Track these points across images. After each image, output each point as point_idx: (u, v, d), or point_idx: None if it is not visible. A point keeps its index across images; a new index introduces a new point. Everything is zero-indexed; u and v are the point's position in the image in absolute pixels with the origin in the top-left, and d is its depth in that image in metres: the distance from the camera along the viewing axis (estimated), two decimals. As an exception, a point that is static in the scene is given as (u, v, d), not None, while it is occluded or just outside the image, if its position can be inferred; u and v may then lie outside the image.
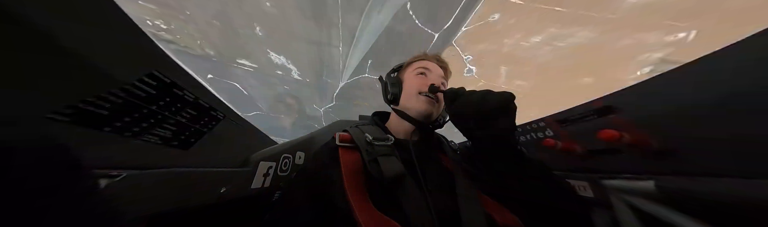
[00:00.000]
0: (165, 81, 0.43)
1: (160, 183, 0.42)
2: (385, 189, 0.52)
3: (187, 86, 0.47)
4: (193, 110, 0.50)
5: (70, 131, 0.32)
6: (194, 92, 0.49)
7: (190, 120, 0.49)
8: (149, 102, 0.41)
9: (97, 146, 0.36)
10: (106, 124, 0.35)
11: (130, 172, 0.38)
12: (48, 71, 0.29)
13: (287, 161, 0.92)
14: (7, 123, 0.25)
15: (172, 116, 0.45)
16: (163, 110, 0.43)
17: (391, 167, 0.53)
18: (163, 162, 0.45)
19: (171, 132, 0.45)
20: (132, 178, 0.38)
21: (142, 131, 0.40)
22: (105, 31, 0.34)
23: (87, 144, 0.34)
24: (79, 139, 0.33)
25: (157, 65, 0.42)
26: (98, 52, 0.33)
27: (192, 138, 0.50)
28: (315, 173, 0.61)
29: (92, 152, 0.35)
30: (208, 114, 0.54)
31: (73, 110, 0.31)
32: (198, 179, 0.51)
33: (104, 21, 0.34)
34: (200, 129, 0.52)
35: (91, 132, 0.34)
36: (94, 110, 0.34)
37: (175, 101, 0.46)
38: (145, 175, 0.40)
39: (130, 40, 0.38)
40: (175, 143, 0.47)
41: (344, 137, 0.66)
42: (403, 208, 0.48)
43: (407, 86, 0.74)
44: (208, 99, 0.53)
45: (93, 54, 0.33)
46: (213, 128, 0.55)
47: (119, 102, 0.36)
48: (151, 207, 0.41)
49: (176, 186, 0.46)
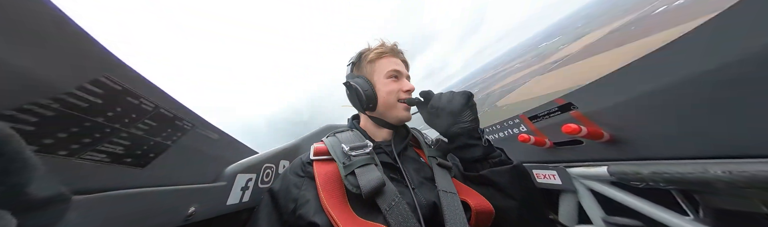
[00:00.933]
0: (115, 88, 0.37)
1: (107, 208, 0.36)
2: (367, 199, 0.51)
3: (144, 93, 0.41)
4: (153, 120, 0.44)
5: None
6: (154, 100, 0.43)
7: (149, 133, 0.43)
8: (93, 113, 0.34)
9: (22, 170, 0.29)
10: (30, 142, 0.29)
11: (73, 198, 0.32)
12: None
13: (270, 171, 0.85)
14: None
15: (123, 129, 0.39)
16: (113, 122, 0.37)
17: (368, 179, 0.51)
18: (114, 184, 0.39)
19: (123, 148, 0.39)
20: (75, 204, 0.32)
21: (82, 149, 0.34)
22: (34, 33, 0.28)
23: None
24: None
25: (106, 71, 0.36)
26: (21, 56, 0.27)
27: (151, 153, 0.44)
28: (285, 195, 0.56)
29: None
30: (173, 124, 0.48)
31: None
32: (158, 199, 0.44)
33: (33, 22, 0.28)
34: (162, 142, 0.46)
35: None
36: (12, 126, 0.27)
37: (129, 110, 0.39)
38: (87, 200, 0.34)
39: (69, 44, 0.32)
40: (128, 159, 0.40)
41: (319, 149, 0.64)
42: (386, 216, 0.47)
43: (384, 93, 0.68)
44: (173, 108, 0.47)
45: (13, 59, 0.27)
46: (178, 140, 0.49)
47: (50, 115, 0.30)
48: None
49: (130, 210, 0.39)
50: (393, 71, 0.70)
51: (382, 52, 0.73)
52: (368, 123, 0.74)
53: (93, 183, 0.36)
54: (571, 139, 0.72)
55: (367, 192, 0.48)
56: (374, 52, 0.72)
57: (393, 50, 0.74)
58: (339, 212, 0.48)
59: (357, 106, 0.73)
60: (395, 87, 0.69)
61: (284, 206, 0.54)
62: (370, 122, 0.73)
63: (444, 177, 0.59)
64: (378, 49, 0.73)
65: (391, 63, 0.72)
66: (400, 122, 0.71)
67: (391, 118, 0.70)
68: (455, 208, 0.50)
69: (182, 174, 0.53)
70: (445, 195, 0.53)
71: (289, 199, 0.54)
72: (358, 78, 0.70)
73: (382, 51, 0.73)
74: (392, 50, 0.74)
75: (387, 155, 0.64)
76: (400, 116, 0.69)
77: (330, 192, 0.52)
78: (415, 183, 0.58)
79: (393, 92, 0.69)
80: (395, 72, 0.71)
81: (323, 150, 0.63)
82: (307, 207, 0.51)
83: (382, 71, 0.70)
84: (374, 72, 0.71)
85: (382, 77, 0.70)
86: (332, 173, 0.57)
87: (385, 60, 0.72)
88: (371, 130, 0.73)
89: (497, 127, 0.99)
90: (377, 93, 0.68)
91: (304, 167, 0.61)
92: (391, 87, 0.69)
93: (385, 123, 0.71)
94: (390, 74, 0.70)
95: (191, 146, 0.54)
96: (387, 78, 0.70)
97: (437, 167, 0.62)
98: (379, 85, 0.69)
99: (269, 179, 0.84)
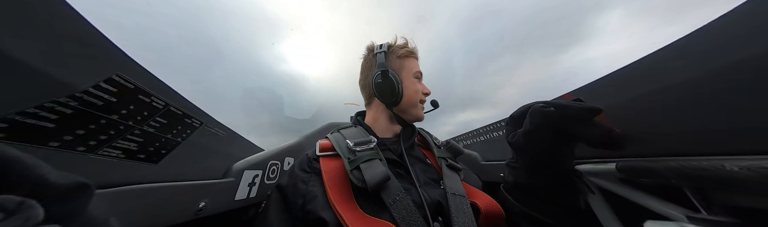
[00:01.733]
0: (128, 87, 0.38)
1: (123, 202, 0.38)
2: (373, 192, 0.51)
3: (155, 91, 0.43)
4: (164, 118, 0.45)
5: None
6: (164, 99, 0.44)
7: (161, 130, 0.45)
8: (108, 111, 0.36)
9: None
10: (52, 138, 0.30)
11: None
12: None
13: (275, 168, 0.87)
14: None
15: (137, 126, 0.40)
16: (126, 120, 0.38)
17: (373, 173, 0.51)
18: (129, 179, 0.40)
19: (137, 144, 0.41)
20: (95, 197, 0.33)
21: (99, 145, 0.35)
22: (50, 31, 0.29)
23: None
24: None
25: (119, 70, 0.37)
26: (40, 55, 0.28)
27: (163, 150, 0.46)
28: (293, 189, 0.56)
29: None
30: (182, 122, 0.49)
31: (6, 123, 0.27)
32: (171, 194, 0.46)
33: (45, 23, 0.29)
34: (173, 139, 0.48)
35: (32, 149, 0.29)
36: (35, 122, 0.29)
37: (141, 108, 0.41)
38: (106, 194, 0.35)
39: (84, 43, 0.33)
40: (141, 156, 0.42)
41: (325, 145, 0.64)
42: (390, 211, 0.47)
43: (412, 91, 0.70)
44: (182, 106, 0.48)
45: (34, 57, 0.28)
46: (188, 137, 0.51)
47: (68, 113, 0.31)
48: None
49: (144, 204, 0.41)
50: (418, 73, 0.74)
51: (411, 51, 0.75)
52: (380, 118, 0.73)
53: (110, 178, 0.38)
54: None
55: (372, 186, 0.48)
56: (405, 50, 0.74)
57: (415, 51, 0.77)
58: (345, 208, 0.48)
59: (383, 97, 0.69)
60: (420, 87, 0.72)
61: (293, 201, 0.54)
62: (384, 117, 0.73)
63: (453, 179, 0.58)
64: (407, 47, 0.76)
65: (414, 64, 0.74)
66: (416, 121, 0.73)
67: (410, 116, 0.71)
68: (464, 210, 0.49)
69: (192, 170, 0.54)
70: (454, 198, 0.52)
71: (297, 195, 0.55)
72: (391, 71, 0.67)
73: (411, 50, 0.75)
74: (415, 51, 0.77)
75: (392, 152, 0.64)
76: (419, 116, 0.72)
77: (337, 188, 0.52)
78: (420, 181, 0.57)
79: (418, 92, 0.71)
80: (420, 74, 0.74)
81: (328, 146, 0.63)
82: (315, 203, 0.51)
83: (411, 70, 0.72)
84: (403, 69, 0.71)
85: (410, 75, 0.72)
86: (338, 168, 0.57)
87: (412, 59, 0.75)
88: (377, 127, 0.73)
89: (500, 124, 0.99)
90: (405, 90, 0.69)
91: (310, 163, 0.61)
92: (418, 87, 0.72)
93: (402, 120, 0.72)
94: (417, 75, 0.73)
95: (200, 143, 0.55)
96: (414, 78, 0.73)
97: (447, 168, 0.62)
98: (406, 82, 0.70)
99: (275, 175, 0.85)
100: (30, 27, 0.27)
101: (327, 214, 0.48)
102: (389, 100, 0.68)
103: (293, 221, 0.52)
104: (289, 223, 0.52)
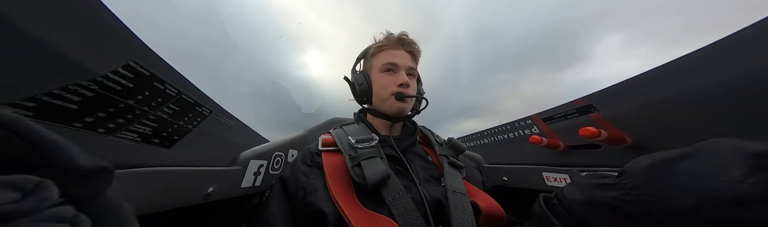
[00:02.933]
0: (144, 73, 0.40)
1: (138, 183, 0.40)
2: (372, 190, 0.52)
3: (169, 79, 0.44)
4: (176, 105, 0.47)
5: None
6: (177, 86, 0.46)
7: (173, 116, 0.46)
8: (126, 96, 0.38)
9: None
10: (75, 119, 0.32)
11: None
12: (6, 59, 0.26)
13: (279, 159, 0.89)
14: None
15: (151, 112, 0.42)
16: (142, 105, 0.40)
17: (374, 171, 0.51)
18: (143, 161, 0.42)
19: (151, 129, 0.42)
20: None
21: (118, 128, 0.37)
22: (73, 18, 0.31)
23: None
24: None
25: (136, 56, 0.39)
26: (65, 39, 0.30)
27: (175, 135, 0.47)
28: (295, 182, 0.58)
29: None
30: (193, 110, 0.51)
31: (35, 103, 0.28)
32: (182, 178, 0.48)
33: (72, 8, 0.31)
34: (184, 126, 0.49)
35: (57, 128, 0.31)
36: (61, 103, 0.31)
37: (156, 95, 0.42)
38: (121, 175, 0.37)
39: (103, 29, 0.34)
40: (156, 140, 0.44)
41: (327, 140, 0.65)
42: (390, 208, 0.47)
43: (377, 87, 0.69)
44: (193, 94, 0.50)
45: (59, 42, 0.29)
46: (198, 124, 0.53)
47: (90, 96, 0.33)
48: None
49: (157, 186, 0.43)
50: (387, 65, 0.70)
51: (382, 45, 0.73)
52: (371, 116, 0.75)
53: (126, 160, 0.40)
54: (588, 143, 0.68)
55: (372, 184, 0.49)
56: (375, 47, 0.73)
57: (397, 42, 0.73)
58: (346, 201, 0.49)
59: (356, 99, 0.75)
60: (388, 81, 0.69)
61: (294, 192, 0.55)
62: (372, 115, 0.74)
63: (455, 177, 0.58)
64: (380, 42, 0.74)
65: (388, 56, 0.71)
66: (398, 114, 0.69)
67: (387, 110, 0.70)
68: (464, 209, 0.49)
69: (201, 157, 0.56)
70: (454, 195, 0.52)
71: (298, 187, 0.56)
72: (357, 73, 0.73)
73: (381, 45, 0.73)
74: (396, 42, 0.73)
75: (392, 149, 0.64)
76: (392, 109, 0.68)
77: (337, 182, 0.53)
78: (420, 178, 0.57)
79: (386, 86, 0.68)
80: (389, 65, 0.70)
81: (330, 142, 0.64)
82: (316, 195, 0.52)
83: (378, 64, 0.71)
84: (372, 66, 0.72)
85: (377, 70, 0.71)
86: (339, 164, 0.57)
87: (383, 54, 0.72)
88: (376, 123, 0.74)
89: (507, 127, 0.97)
90: (372, 87, 0.70)
91: (312, 157, 0.62)
92: (384, 81, 0.69)
93: (384, 115, 0.71)
94: (384, 68, 0.70)
95: (209, 131, 0.57)
96: (381, 72, 0.70)
97: (448, 166, 0.62)
98: (374, 79, 0.71)
99: (279, 166, 0.88)
100: (58, 13, 0.29)
101: (327, 206, 0.49)
102: (359, 100, 0.74)
103: (293, 211, 0.53)
104: (289, 213, 0.53)
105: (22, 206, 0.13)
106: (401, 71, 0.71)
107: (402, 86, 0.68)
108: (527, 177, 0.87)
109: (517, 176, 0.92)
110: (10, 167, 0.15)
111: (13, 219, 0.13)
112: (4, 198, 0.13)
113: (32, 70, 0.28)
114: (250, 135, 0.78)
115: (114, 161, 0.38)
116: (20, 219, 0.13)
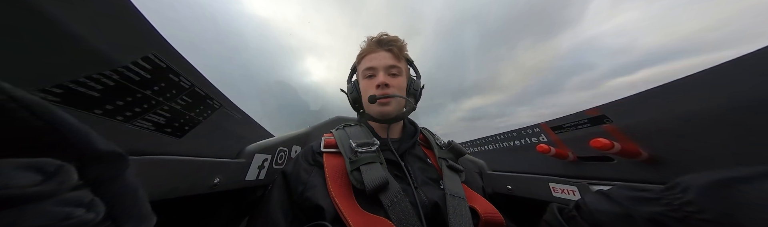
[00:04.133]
0: (161, 66, 0.42)
1: (150, 170, 0.41)
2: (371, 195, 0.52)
3: (183, 72, 0.46)
4: (189, 97, 0.49)
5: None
6: (190, 79, 0.48)
7: (185, 108, 0.48)
8: (143, 86, 0.39)
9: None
10: (96, 106, 0.34)
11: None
12: (38, 48, 0.28)
13: (283, 154, 0.91)
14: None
15: (166, 102, 0.44)
16: (158, 96, 0.42)
17: (373, 177, 0.52)
18: (155, 149, 0.44)
19: (165, 119, 0.44)
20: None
21: (134, 116, 0.39)
22: (99, 11, 0.33)
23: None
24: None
25: (154, 49, 0.41)
26: (91, 31, 0.32)
27: (186, 126, 0.49)
28: (296, 177, 0.59)
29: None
30: (204, 102, 0.53)
31: (62, 89, 0.30)
32: (191, 168, 0.50)
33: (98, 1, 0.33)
34: (195, 118, 0.51)
35: (80, 114, 0.33)
36: (85, 91, 0.33)
37: (171, 86, 0.44)
38: (136, 161, 0.39)
39: (126, 22, 0.36)
40: (168, 130, 0.46)
41: (329, 142, 0.66)
42: (387, 212, 0.48)
43: (363, 93, 0.71)
44: (205, 87, 0.52)
45: (86, 33, 0.31)
46: (208, 117, 0.54)
47: (111, 85, 0.35)
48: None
49: (167, 173, 0.45)
50: (367, 70, 0.71)
51: (362, 52, 0.75)
52: (369, 120, 0.76)
53: (141, 147, 0.42)
54: (600, 155, 0.66)
55: (370, 190, 0.49)
56: (358, 56, 0.76)
57: (376, 44, 0.74)
58: (344, 201, 0.50)
59: (353, 108, 0.80)
60: (367, 85, 0.70)
61: (294, 187, 0.57)
62: (368, 118, 0.76)
63: (453, 180, 0.58)
64: (362, 50, 0.75)
65: (366, 62, 0.72)
66: (383, 117, 0.69)
67: (373, 114, 0.70)
68: (462, 213, 0.49)
69: (209, 148, 0.58)
70: (453, 199, 0.52)
71: (299, 182, 0.57)
72: (349, 83, 0.79)
73: (362, 52, 0.75)
74: (375, 44, 0.74)
75: (392, 152, 0.64)
76: (374, 112, 0.69)
77: (337, 184, 0.54)
78: (418, 181, 0.57)
79: (367, 91, 0.70)
80: (369, 71, 0.71)
81: (332, 143, 0.65)
82: (314, 191, 0.53)
83: (361, 73, 0.74)
84: (359, 74, 0.75)
85: (362, 78, 0.73)
86: (339, 166, 0.58)
87: (364, 60, 0.73)
88: (374, 126, 0.75)
89: (514, 134, 0.96)
90: (361, 94, 0.72)
91: (314, 157, 0.63)
92: (365, 86, 0.71)
93: (374, 119, 0.72)
94: (366, 74, 0.71)
95: (218, 124, 0.59)
96: (365, 78, 0.72)
97: (447, 169, 0.62)
98: (361, 86, 0.73)
99: (282, 161, 0.89)
100: (85, 7, 0.31)
101: (325, 203, 0.50)
102: (355, 109, 0.79)
103: (292, 205, 0.55)
104: (288, 207, 0.55)
105: (44, 188, 0.13)
106: (380, 72, 0.70)
107: (379, 88, 0.67)
108: (533, 186, 0.84)
109: (522, 185, 0.89)
110: (31, 148, 0.15)
111: (36, 201, 0.13)
112: (29, 180, 0.13)
113: (60, 59, 0.30)
114: (256, 129, 0.80)
115: (129, 147, 0.40)
116: (43, 201, 0.13)
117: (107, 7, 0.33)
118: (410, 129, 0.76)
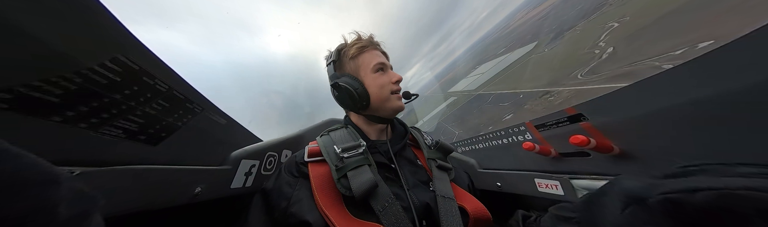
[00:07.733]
0: (133, 68, 0.39)
1: (121, 181, 0.38)
2: (360, 200, 0.50)
3: (159, 74, 0.43)
4: (166, 101, 0.45)
5: (3, 119, 0.27)
6: (167, 82, 0.45)
7: (162, 113, 0.45)
8: (111, 90, 0.36)
9: (43, 137, 0.31)
10: (55, 113, 0.31)
11: (85, 169, 0.34)
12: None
13: (272, 159, 0.87)
14: None
15: (139, 107, 0.40)
16: (129, 100, 0.39)
17: (361, 181, 0.50)
18: (127, 159, 0.41)
19: (137, 125, 0.41)
20: (87, 175, 0.34)
21: (102, 123, 0.36)
22: (60, 10, 0.30)
23: (30, 135, 0.30)
24: (14, 128, 0.29)
25: (125, 50, 0.37)
26: (50, 30, 0.29)
27: (162, 133, 0.46)
28: (278, 193, 0.56)
29: (37, 144, 0.31)
30: (183, 106, 0.50)
31: (10, 94, 0.27)
32: (167, 177, 0.46)
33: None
34: (173, 123, 0.48)
35: (35, 121, 0.29)
36: (40, 96, 0.29)
37: (145, 90, 0.41)
38: (102, 172, 0.36)
39: (92, 22, 0.33)
40: (141, 137, 0.42)
41: (313, 150, 0.62)
42: (379, 217, 0.47)
43: (376, 88, 0.66)
44: (184, 90, 0.49)
45: (42, 33, 0.28)
46: (188, 122, 0.51)
47: (73, 88, 0.32)
48: (110, 208, 0.37)
49: (141, 184, 0.41)
50: (379, 64, 0.68)
51: (363, 46, 0.70)
52: (360, 121, 0.73)
53: (109, 157, 0.38)
54: (578, 150, 0.70)
55: (358, 195, 0.48)
56: (355, 48, 0.69)
57: (371, 43, 0.72)
58: (333, 211, 0.48)
59: (349, 106, 0.69)
60: (385, 80, 0.67)
61: (276, 204, 0.54)
62: (362, 120, 0.72)
63: (443, 181, 0.58)
64: (357, 43, 0.70)
65: (374, 56, 0.70)
66: (395, 114, 0.69)
67: (386, 111, 0.68)
68: (453, 214, 0.50)
69: (190, 155, 0.55)
70: (443, 200, 0.52)
71: (282, 198, 0.54)
72: (344, 77, 0.67)
73: (362, 45, 0.70)
74: (371, 43, 0.72)
75: (382, 155, 0.62)
76: (395, 107, 0.67)
77: (324, 193, 0.52)
78: (409, 184, 0.57)
79: (385, 86, 0.67)
80: (381, 65, 0.68)
81: (316, 151, 0.62)
82: (300, 206, 0.51)
83: (368, 66, 0.67)
84: (359, 68, 0.68)
85: (369, 71, 0.67)
86: (326, 175, 0.56)
87: (367, 54, 0.69)
88: (365, 128, 0.72)
89: (501, 133, 0.98)
90: (368, 89, 0.66)
91: (298, 168, 0.60)
92: (382, 81, 0.67)
93: (379, 119, 0.69)
94: (377, 68, 0.68)
95: (200, 129, 0.55)
96: (374, 72, 0.67)
97: (437, 169, 0.61)
98: (367, 80, 0.67)
99: (272, 167, 0.86)
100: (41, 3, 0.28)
101: (312, 217, 0.48)
102: (355, 107, 0.67)
103: (274, 224, 0.52)
104: (269, 225, 0.52)
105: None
106: (388, 67, 0.70)
107: (398, 83, 0.68)
108: (520, 182, 0.88)
109: (510, 182, 0.93)
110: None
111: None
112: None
113: (8, 61, 0.27)
114: (243, 134, 0.77)
115: (94, 157, 0.37)
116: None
117: (68, 4, 0.30)
118: (400, 130, 0.74)
